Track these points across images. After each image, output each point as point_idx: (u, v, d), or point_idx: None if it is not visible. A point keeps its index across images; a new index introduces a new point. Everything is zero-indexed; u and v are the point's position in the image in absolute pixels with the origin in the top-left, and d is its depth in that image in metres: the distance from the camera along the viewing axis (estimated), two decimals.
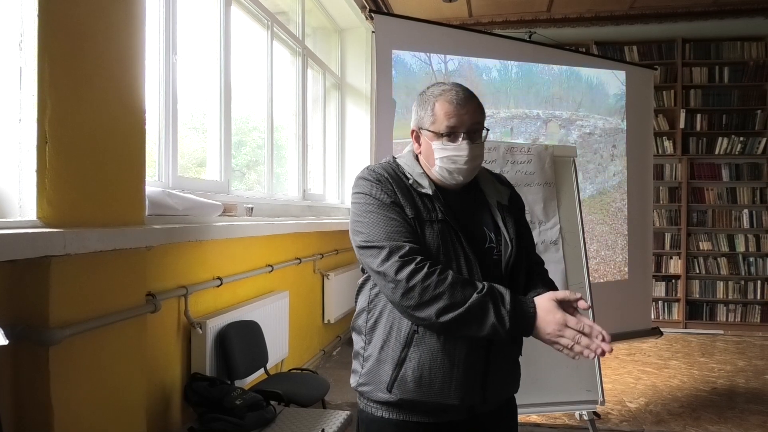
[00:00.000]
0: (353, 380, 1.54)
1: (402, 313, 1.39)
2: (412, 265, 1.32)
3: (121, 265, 1.93)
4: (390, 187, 1.44)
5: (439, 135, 1.45)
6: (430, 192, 1.45)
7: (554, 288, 1.52)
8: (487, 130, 1.50)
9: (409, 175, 1.48)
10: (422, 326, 1.39)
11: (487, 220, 1.52)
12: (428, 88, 1.52)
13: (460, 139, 1.44)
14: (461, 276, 1.36)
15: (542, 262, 1.65)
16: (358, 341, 1.54)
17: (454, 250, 1.41)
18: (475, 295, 1.30)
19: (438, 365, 1.40)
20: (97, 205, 1.84)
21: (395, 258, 1.33)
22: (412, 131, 1.53)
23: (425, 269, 1.32)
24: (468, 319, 1.30)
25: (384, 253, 1.35)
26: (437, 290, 1.30)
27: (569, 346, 1.28)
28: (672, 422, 3.53)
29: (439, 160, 1.46)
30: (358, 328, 1.54)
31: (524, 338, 1.55)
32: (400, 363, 1.41)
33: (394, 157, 1.57)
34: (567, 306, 1.34)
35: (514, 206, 1.59)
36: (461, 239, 1.42)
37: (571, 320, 1.29)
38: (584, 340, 1.27)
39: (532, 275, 1.57)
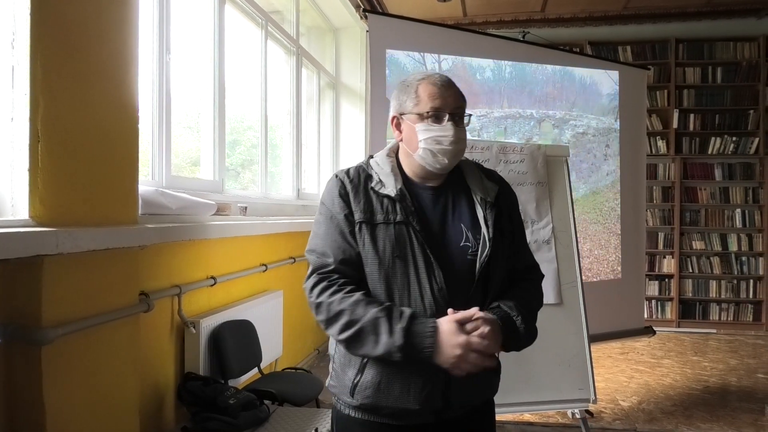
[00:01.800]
0: (327, 380, 1.55)
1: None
2: (325, 282, 1.38)
3: (114, 264, 1.93)
4: (347, 196, 1.44)
5: (423, 116, 1.43)
6: (392, 194, 1.42)
7: (527, 302, 1.47)
8: (470, 116, 1.49)
9: (375, 176, 1.47)
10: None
11: (467, 217, 1.48)
12: (407, 77, 1.51)
13: (445, 119, 1.43)
14: (371, 298, 1.36)
15: (534, 266, 1.60)
16: (332, 344, 1.54)
17: (411, 251, 1.38)
18: (371, 311, 1.31)
19: (396, 371, 1.38)
20: (90, 204, 1.84)
21: (315, 275, 1.40)
22: (393, 118, 1.51)
23: (335, 287, 1.36)
24: (363, 336, 1.31)
25: (309, 270, 1.43)
26: (340, 307, 1.33)
27: (471, 370, 1.29)
28: (664, 420, 3.55)
29: (423, 142, 1.43)
30: None
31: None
32: (361, 368, 1.41)
33: (371, 156, 1.57)
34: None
35: (504, 204, 1.54)
36: (421, 240, 1.39)
37: (475, 342, 1.29)
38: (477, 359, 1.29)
39: (515, 282, 1.52)
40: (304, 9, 5.15)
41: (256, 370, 3.18)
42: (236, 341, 2.97)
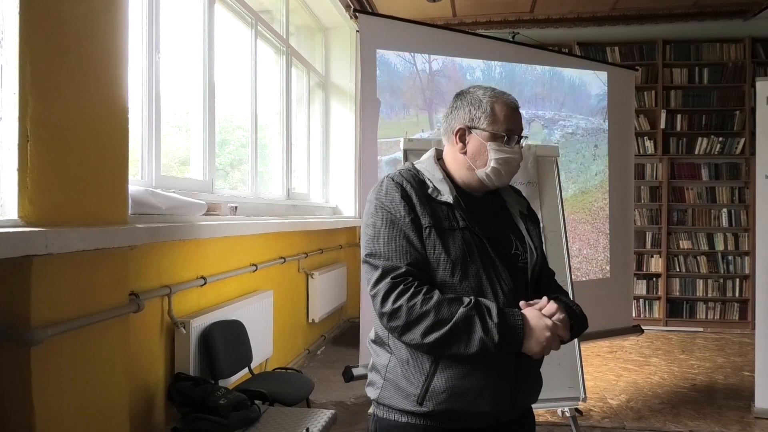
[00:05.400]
0: (372, 392, 1.49)
1: (392, 334, 1.40)
2: (401, 286, 1.33)
3: (103, 264, 1.92)
4: (410, 199, 1.42)
5: (496, 136, 1.47)
6: (450, 200, 1.44)
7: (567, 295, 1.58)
8: (526, 137, 1.55)
9: (429, 183, 1.47)
10: (412, 347, 1.38)
11: (512, 227, 1.54)
12: (473, 90, 1.53)
13: (515, 142, 1.49)
14: (449, 296, 1.35)
15: (554, 274, 1.67)
16: (379, 353, 1.49)
17: (480, 256, 1.41)
18: (461, 310, 1.30)
19: (471, 374, 1.37)
20: (80, 204, 1.82)
21: (387, 279, 1.35)
22: (459, 129, 1.50)
23: (412, 289, 1.33)
24: (455, 336, 1.30)
25: (377, 273, 1.37)
26: (423, 308, 1.31)
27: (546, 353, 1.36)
28: (652, 418, 3.58)
29: (495, 161, 1.47)
30: (380, 340, 1.49)
31: None
32: (430, 375, 1.37)
33: (413, 164, 1.56)
34: None
35: (534, 217, 1.63)
36: (486, 246, 1.42)
37: (558, 325, 1.35)
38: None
39: (550, 286, 1.59)
40: (293, 8, 5.14)
41: (246, 370, 3.18)
42: (226, 341, 2.96)
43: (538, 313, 1.35)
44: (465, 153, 1.50)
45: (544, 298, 1.40)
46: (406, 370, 1.41)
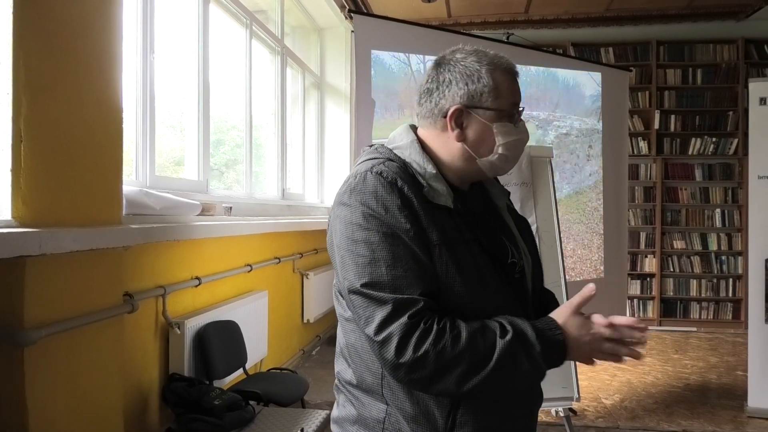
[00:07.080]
0: None
1: (411, 387, 1.07)
2: (421, 326, 1.01)
3: (97, 265, 1.92)
4: (412, 205, 1.07)
5: (502, 114, 1.15)
6: (450, 205, 1.12)
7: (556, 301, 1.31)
8: (523, 109, 1.24)
9: (422, 181, 1.12)
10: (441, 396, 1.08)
11: (503, 229, 1.25)
12: (463, 57, 1.19)
13: (520, 119, 1.19)
14: (473, 322, 1.05)
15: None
16: (366, 402, 1.15)
17: (489, 274, 1.12)
18: (500, 343, 1.02)
19: (497, 421, 1.12)
20: (74, 204, 1.82)
21: (403, 319, 1.01)
22: (455, 110, 1.15)
23: (435, 327, 1.01)
24: (498, 376, 1.02)
25: (386, 311, 1.02)
26: (455, 350, 1.00)
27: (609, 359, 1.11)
28: (646, 418, 3.59)
29: (503, 147, 1.15)
30: (366, 386, 1.14)
31: None
32: (449, 429, 1.09)
33: (392, 150, 1.19)
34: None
35: (516, 212, 1.35)
36: (494, 260, 1.14)
37: (605, 330, 1.09)
38: (623, 349, 1.09)
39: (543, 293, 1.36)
40: (288, 9, 5.14)
41: (241, 370, 3.17)
42: (221, 342, 2.95)
43: (579, 321, 1.09)
44: (464, 140, 1.16)
45: (589, 286, 1.11)
46: (415, 429, 1.09)
